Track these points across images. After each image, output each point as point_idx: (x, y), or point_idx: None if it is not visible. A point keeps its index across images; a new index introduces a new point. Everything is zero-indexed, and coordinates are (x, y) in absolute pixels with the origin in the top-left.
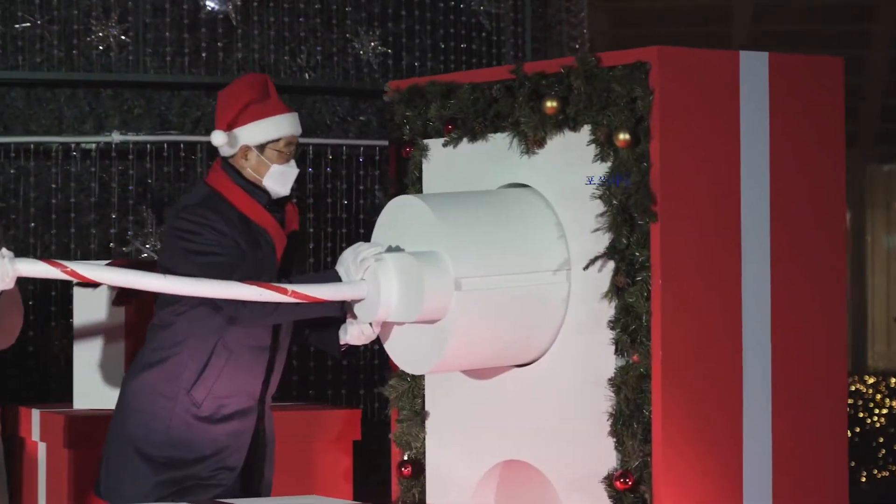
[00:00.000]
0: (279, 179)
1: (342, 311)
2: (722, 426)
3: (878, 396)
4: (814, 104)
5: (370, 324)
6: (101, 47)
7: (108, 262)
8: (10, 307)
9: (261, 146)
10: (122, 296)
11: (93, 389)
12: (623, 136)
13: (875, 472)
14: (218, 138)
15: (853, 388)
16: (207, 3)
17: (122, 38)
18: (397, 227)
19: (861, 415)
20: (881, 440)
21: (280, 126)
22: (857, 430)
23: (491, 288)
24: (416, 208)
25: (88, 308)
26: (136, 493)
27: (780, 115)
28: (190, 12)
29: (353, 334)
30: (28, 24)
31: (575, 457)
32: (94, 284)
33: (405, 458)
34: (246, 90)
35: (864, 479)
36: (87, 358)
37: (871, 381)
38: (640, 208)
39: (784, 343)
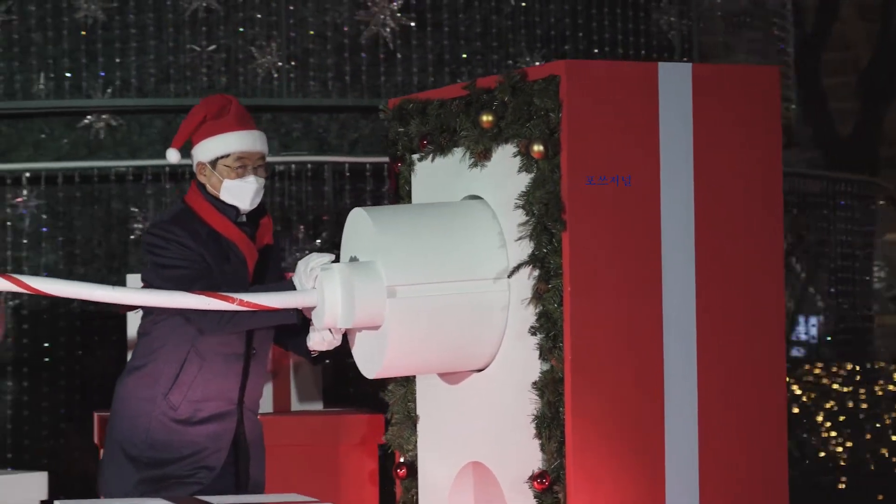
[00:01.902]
0: (235, 194)
1: (298, 319)
2: (642, 430)
3: None
4: (745, 115)
5: (330, 330)
6: (260, 72)
7: None
8: None
9: (212, 162)
10: None
11: None
12: (537, 148)
13: None
14: (170, 155)
15: None
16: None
17: (282, 64)
18: (354, 239)
19: None
20: None
21: (228, 142)
22: None
23: (426, 295)
24: (363, 220)
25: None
26: (121, 489)
27: (705, 125)
28: (350, 37)
29: (316, 340)
30: (195, 53)
31: (514, 458)
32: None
33: (401, 460)
34: (202, 109)
35: None
36: None
37: None
38: (552, 217)
39: (712, 348)
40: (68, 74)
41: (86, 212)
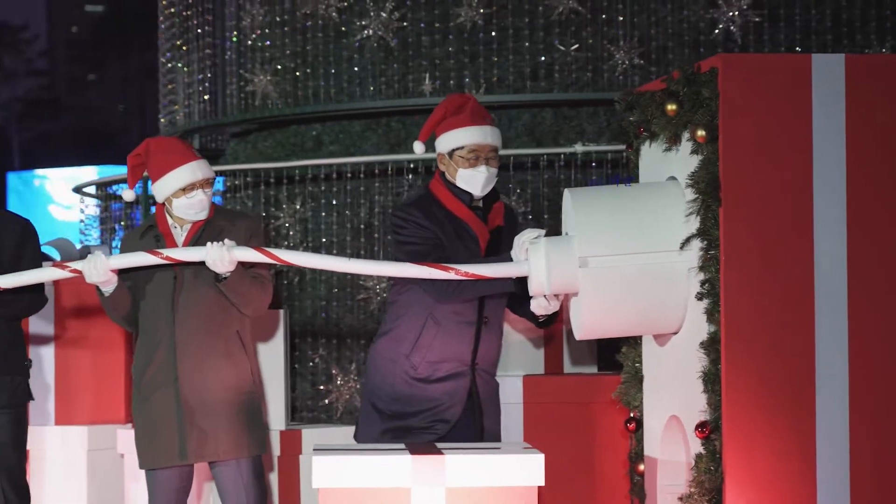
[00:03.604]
0: (467, 181)
1: (516, 287)
2: (794, 395)
3: None
4: None
5: (545, 296)
6: (619, 69)
7: None
8: (245, 283)
9: (450, 153)
10: None
11: None
12: (700, 133)
13: None
14: (416, 147)
15: None
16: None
17: (638, 60)
18: (566, 216)
19: None
20: None
21: (461, 136)
22: None
23: (616, 265)
24: (568, 200)
25: None
26: (369, 436)
27: (859, 113)
28: (696, 34)
29: (534, 306)
30: (559, 52)
31: (693, 412)
32: None
33: (631, 415)
34: (442, 107)
35: None
36: None
37: None
38: (711, 194)
39: (864, 321)
40: (440, 73)
41: None
